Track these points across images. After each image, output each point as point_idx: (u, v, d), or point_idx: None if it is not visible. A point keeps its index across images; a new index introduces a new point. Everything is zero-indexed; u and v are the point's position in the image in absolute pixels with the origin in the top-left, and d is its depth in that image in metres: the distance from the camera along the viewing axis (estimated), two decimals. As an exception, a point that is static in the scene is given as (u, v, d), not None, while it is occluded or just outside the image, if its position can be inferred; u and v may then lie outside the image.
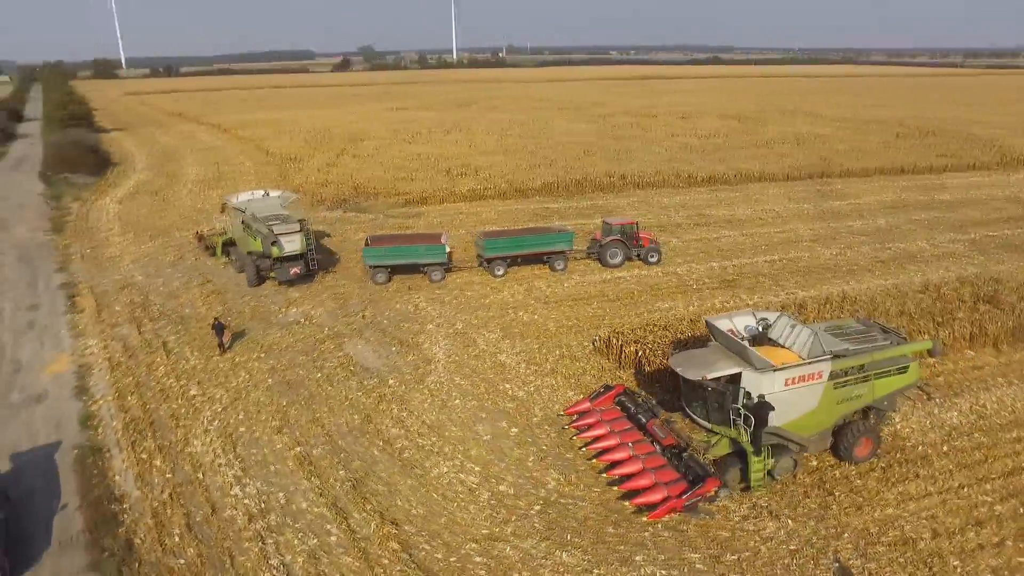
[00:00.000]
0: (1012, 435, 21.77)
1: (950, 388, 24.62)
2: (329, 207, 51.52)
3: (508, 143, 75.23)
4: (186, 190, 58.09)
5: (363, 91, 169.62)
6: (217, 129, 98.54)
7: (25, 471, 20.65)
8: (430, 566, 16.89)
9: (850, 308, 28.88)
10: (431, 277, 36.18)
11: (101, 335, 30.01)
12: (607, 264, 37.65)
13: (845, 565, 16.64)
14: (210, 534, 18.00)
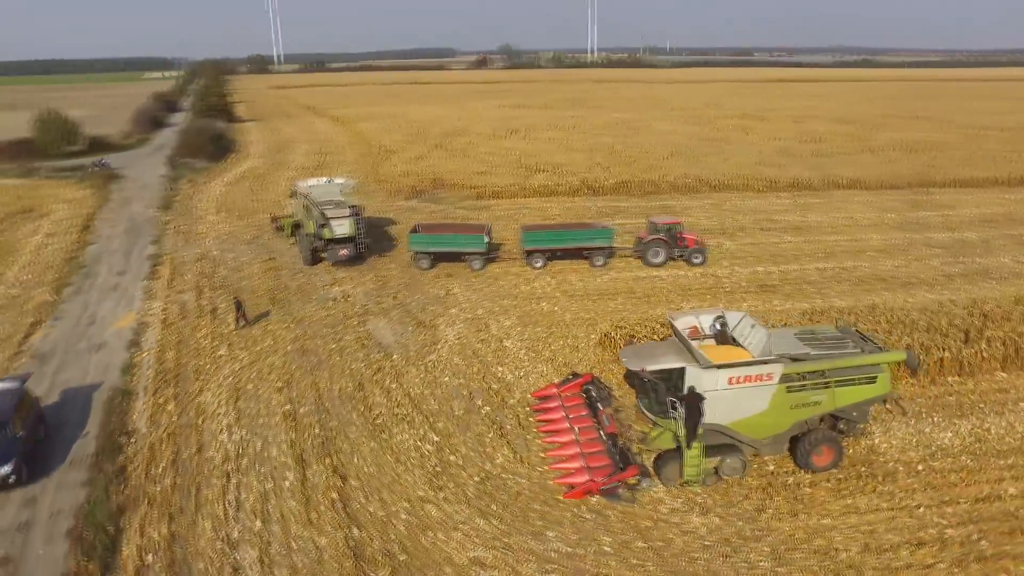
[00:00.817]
0: (1006, 462, 20.51)
1: (958, 408, 23.31)
2: (406, 197, 55.00)
3: (596, 141, 75.89)
4: (285, 177, 63.84)
5: (487, 88, 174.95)
6: (336, 121, 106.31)
7: (67, 403, 24.85)
8: (358, 516, 18.89)
9: (872, 319, 27.73)
10: (471, 266, 38.22)
11: (166, 299, 34.60)
12: (649, 263, 37.99)
13: (752, 564, 16.81)
14: (189, 469, 21.04)
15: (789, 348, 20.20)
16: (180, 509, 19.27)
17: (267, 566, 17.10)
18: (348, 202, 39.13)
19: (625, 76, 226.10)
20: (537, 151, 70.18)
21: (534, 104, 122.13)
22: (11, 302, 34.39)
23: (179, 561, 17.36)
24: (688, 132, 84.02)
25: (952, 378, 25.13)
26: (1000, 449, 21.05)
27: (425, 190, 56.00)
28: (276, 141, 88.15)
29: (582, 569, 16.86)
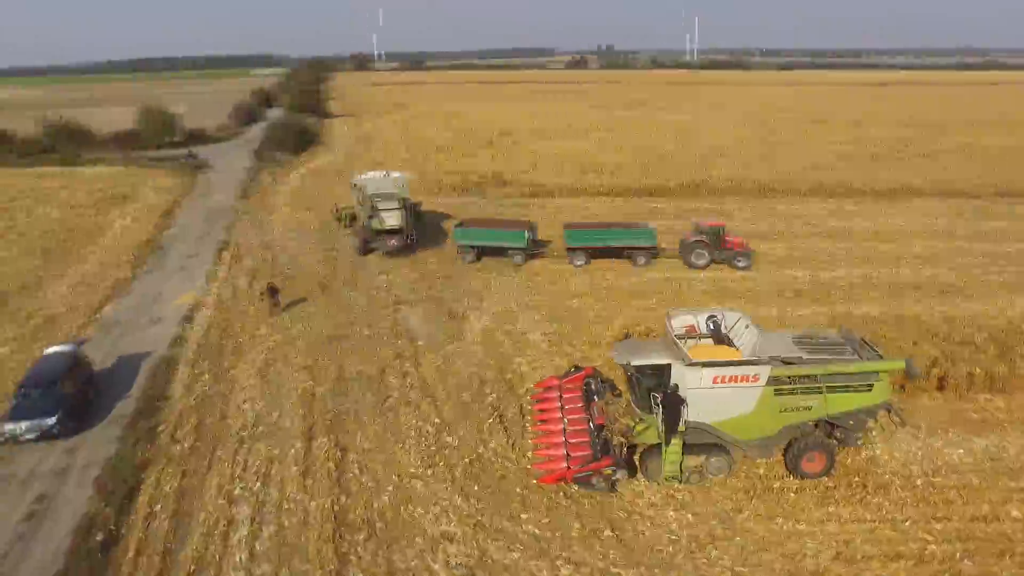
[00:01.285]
0: (1017, 484, 19.64)
1: (981, 425, 22.40)
2: (460, 193, 56.68)
3: (652, 142, 75.19)
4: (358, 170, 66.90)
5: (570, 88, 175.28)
6: (421, 117, 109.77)
7: (120, 369, 27.76)
8: (349, 486, 20.40)
9: (899, 328, 26.85)
10: (513, 261, 39.32)
11: (224, 281, 37.57)
12: (691, 264, 37.91)
13: (713, 562, 17.11)
14: (208, 433, 23.22)
15: (782, 351, 20.16)
16: (194, 468, 21.33)
17: (257, 523, 18.83)
18: (400, 195, 41.00)
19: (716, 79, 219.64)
20: (592, 150, 70.43)
21: (607, 104, 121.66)
22: (91, 278, 38.26)
23: (183, 512, 19.37)
24: (748, 135, 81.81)
25: (983, 395, 24.04)
26: (1014, 470, 20.15)
27: (480, 186, 57.47)
28: (358, 136, 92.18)
29: (546, 551, 17.59)
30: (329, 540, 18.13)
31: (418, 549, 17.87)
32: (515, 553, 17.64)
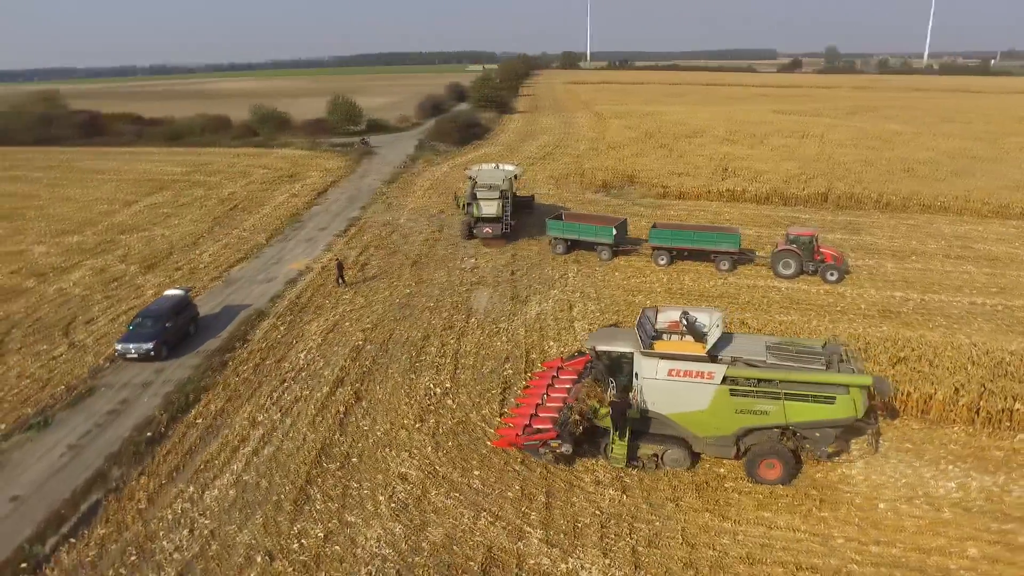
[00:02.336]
0: (997, 525, 18.42)
1: (993, 463, 20.92)
2: (595, 190, 58.72)
3: (829, 152, 70.83)
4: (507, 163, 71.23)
5: (773, 92, 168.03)
6: (595, 116, 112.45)
7: (223, 314, 33.89)
8: (347, 426, 24.06)
9: (973, 362, 25.08)
10: (600, 256, 41.08)
11: (336, 252, 43.28)
12: (778, 273, 37.20)
13: (618, 538, 18.46)
14: (262, 372, 28.13)
15: (748, 353, 20.55)
16: (238, 395, 26.21)
17: (264, 442, 23.07)
18: (501, 186, 44.23)
19: (951, 85, 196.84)
20: (752, 157, 68.25)
21: (803, 111, 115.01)
22: (236, 242, 45.91)
23: (215, 426, 24.18)
24: (955, 147, 73.82)
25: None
26: (1004, 513, 18.83)
27: (616, 185, 58.93)
28: (527, 131, 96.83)
29: (478, 503, 19.92)
30: (309, 464, 21.78)
31: (374, 483, 20.95)
32: (451, 500, 20.09)
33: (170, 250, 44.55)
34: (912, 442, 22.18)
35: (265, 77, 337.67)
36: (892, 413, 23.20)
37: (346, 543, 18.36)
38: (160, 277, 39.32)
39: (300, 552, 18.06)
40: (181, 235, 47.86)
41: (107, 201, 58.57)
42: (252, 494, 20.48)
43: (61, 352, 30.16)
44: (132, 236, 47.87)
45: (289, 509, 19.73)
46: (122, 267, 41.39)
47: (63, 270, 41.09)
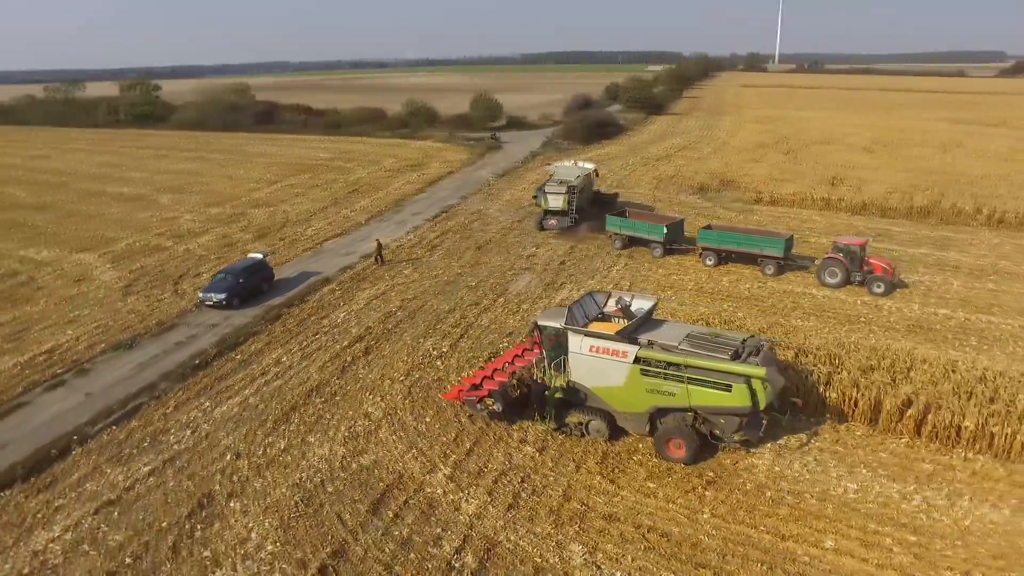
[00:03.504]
0: (875, 526, 19.31)
1: (927, 477, 21.31)
2: (691, 192, 59.73)
3: (945, 163, 65.77)
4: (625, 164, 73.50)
5: (969, 100, 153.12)
6: (741, 120, 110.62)
7: (297, 278, 40.03)
8: (347, 372, 28.63)
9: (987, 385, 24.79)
10: (652, 252, 43.02)
11: (417, 233, 48.59)
12: (823, 282, 37.20)
13: (497, 488, 21.49)
14: (303, 325, 33.57)
15: (667, 339, 22.52)
16: (276, 342, 31.83)
17: (276, 377, 28.28)
18: (570, 182, 47.22)
19: None
20: (872, 167, 65.24)
21: (981, 120, 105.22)
22: (340, 220, 52.68)
23: (248, 362, 29.82)
24: None
25: (970, 452, 22.17)
26: (889, 518, 19.34)
27: (712, 188, 59.48)
28: (664, 133, 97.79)
29: (414, 442, 23.70)
30: (301, 396, 26.66)
31: (343, 416, 25.31)
32: (394, 437, 23.97)
33: (284, 223, 52.10)
34: (844, 445, 22.80)
35: (449, 73, 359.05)
36: (800, 410, 23.72)
37: (297, 455, 22.84)
38: (264, 244, 46.43)
39: (260, 457, 22.79)
40: (299, 211, 55.48)
41: (255, 180, 68.38)
42: (249, 413, 25.62)
43: (166, 297, 37.60)
44: (260, 210, 56.22)
45: (269, 426, 24.60)
46: (240, 235, 49.29)
47: (196, 234, 49.74)
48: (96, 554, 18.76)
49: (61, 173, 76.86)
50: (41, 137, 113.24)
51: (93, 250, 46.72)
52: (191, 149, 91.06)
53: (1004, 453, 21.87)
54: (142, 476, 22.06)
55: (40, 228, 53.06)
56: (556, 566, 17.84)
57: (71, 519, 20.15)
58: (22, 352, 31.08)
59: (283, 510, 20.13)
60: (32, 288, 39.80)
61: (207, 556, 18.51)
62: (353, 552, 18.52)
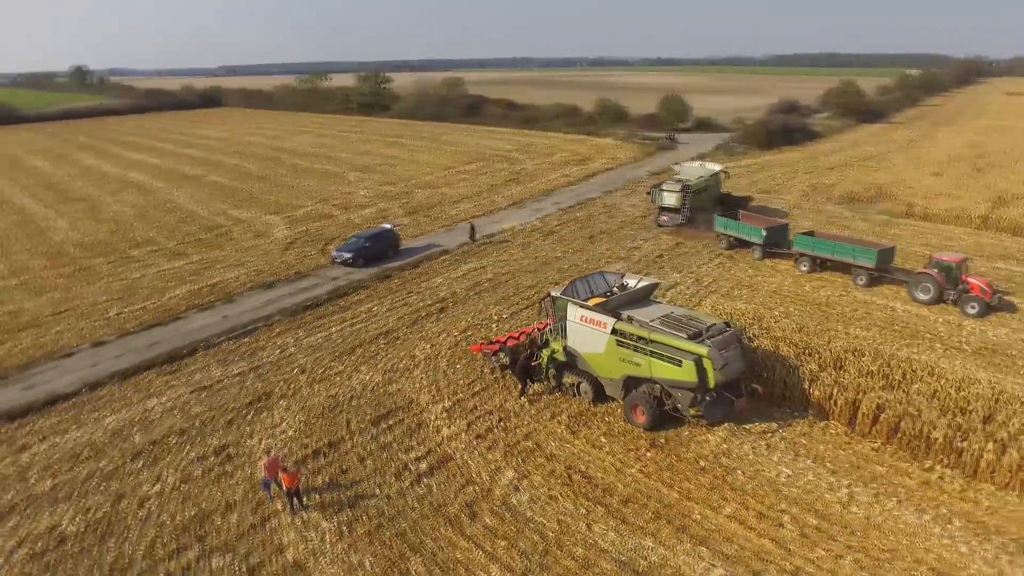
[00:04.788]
0: (788, 509, 21.20)
1: (866, 476, 22.51)
2: (837, 201, 58.36)
3: None
4: (787, 171, 72.48)
5: None
6: (971, 132, 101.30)
7: (422, 248, 46.87)
8: (419, 324, 34.31)
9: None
10: (753, 254, 44.27)
11: (543, 219, 53.47)
12: (914, 297, 36.48)
13: (477, 436, 25.93)
14: (407, 286, 39.98)
15: (646, 316, 25.43)
16: (376, 296, 38.57)
17: (361, 322, 34.84)
18: (687, 181, 49.30)
19: None
20: None
21: None
22: (485, 204, 59.05)
23: (346, 308, 36.80)
24: None
25: (929, 462, 22.68)
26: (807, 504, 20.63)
27: (863, 198, 57.59)
28: (859, 141, 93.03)
29: (434, 379, 28.88)
30: (369, 338, 32.87)
31: (395, 355, 30.92)
32: (421, 373, 29.19)
33: (437, 203, 59.55)
34: (809, 439, 23.96)
35: (688, 72, 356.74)
36: (762, 398, 25.18)
37: (344, 378, 28.95)
38: (413, 220, 53.99)
39: (318, 375, 29.25)
40: (455, 194, 62.79)
41: (434, 165, 77.30)
42: (328, 344, 32.31)
43: (313, 254, 46.16)
44: (424, 191, 64.40)
45: (336, 355, 31.03)
46: (397, 210, 57.49)
47: (362, 207, 58.81)
48: (179, 416, 26.12)
49: (286, 151, 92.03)
50: (284, 120, 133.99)
51: (279, 213, 57.30)
52: (396, 135, 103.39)
53: (971, 471, 21.98)
54: (231, 375, 29.41)
55: (251, 194, 65.54)
56: (484, 482, 21.93)
57: (175, 394, 27.87)
58: (196, 284, 40.72)
59: (312, 411, 26.21)
60: (226, 238, 50.56)
61: (247, 431, 25.04)
62: (344, 445, 24.01)
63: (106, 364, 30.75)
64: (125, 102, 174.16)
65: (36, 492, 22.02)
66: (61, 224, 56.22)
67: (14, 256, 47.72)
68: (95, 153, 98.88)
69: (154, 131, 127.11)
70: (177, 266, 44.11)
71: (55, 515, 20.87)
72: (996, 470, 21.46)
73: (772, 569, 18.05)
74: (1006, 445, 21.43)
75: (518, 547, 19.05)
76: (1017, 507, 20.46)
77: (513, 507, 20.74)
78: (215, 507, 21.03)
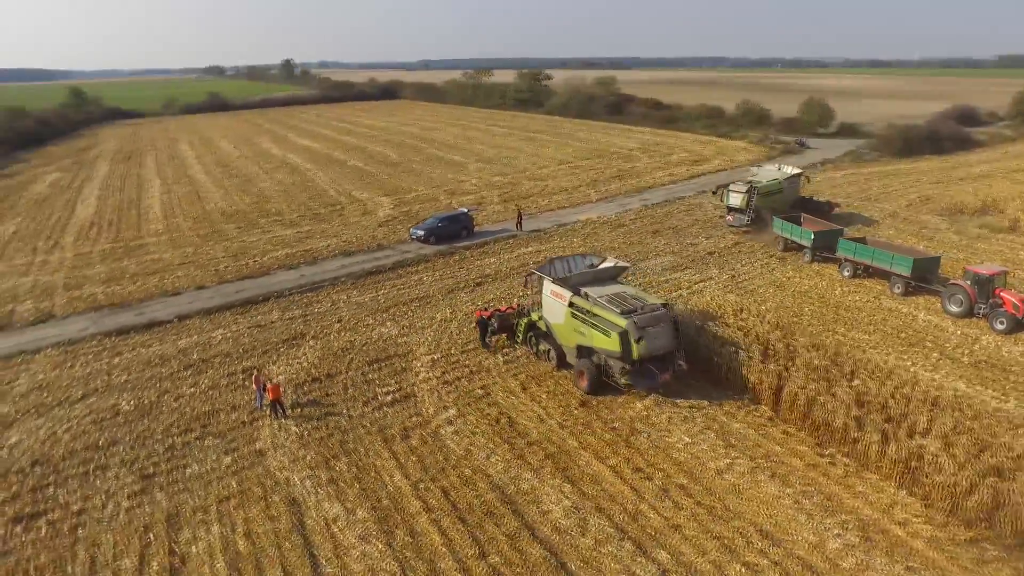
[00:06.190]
0: (671, 473, 24.17)
1: (769, 465, 24.82)
2: (938, 212, 56.19)
3: None
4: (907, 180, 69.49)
5: None
6: None
7: (498, 232, 52.06)
8: (453, 294, 39.59)
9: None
10: (803, 257, 45.16)
11: (620, 212, 56.69)
12: (945, 310, 36.14)
13: (452, 388, 30.65)
14: (462, 263, 45.38)
15: (598, 293, 28.70)
16: (433, 269, 44.28)
17: (404, 288, 40.67)
18: (756, 182, 50.41)
19: None
20: None
21: None
22: (578, 197, 62.95)
23: (402, 276, 42.91)
24: None
25: (867, 474, 24.44)
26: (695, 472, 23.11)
27: (969, 211, 55.13)
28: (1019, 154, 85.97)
29: (439, 339, 33.98)
30: (409, 300, 38.55)
31: (421, 315, 36.04)
32: (433, 332, 34.10)
33: (535, 194, 64.34)
34: (730, 417, 25.49)
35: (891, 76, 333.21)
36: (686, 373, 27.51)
37: (369, 329, 34.61)
38: (506, 208, 59.14)
39: (350, 325, 35.29)
40: (556, 186, 67.25)
41: (552, 159, 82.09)
42: (371, 303, 38.25)
43: (401, 230, 52.78)
44: (530, 182, 69.43)
45: (374, 311, 36.93)
46: (493, 198, 63.02)
47: (466, 193, 64.98)
48: (231, 344, 33.19)
49: (429, 141, 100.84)
50: (443, 113, 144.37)
51: (392, 195, 64.85)
52: (535, 131, 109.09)
53: (863, 458, 23.54)
54: (284, 319, 36.26)
55: (378, 178, 74.00)
56: (428, 415, 26.51)
57: (236, 328, 35.08)
58: (294, 248, 48.61)
59: (327, 351, 32.21)
60: (337, 214, 58.67)
61: (273, 358, 31.53)
62: (338, 377, 29.68)
63: (200, 303, 38.76)
64: (313, 92, 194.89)
65: (113, 383, 29.69)
66: (216, 195, 67.58)
67: (172, 218, 58.82)
68: (270, 137, 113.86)
69: (327, 119, 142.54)
70: (287, 234, 52.43)
71: (119, 398, 28.27)
72: (881, 462, 22.86)
73: (616, 508, 21.18)
74: (889, 439, 22.74)
75: (423, 464, 23.57)
76: (882, 495, 21.82)
77: (439, 435, 25.23)
78: (223, 407, 27.43)
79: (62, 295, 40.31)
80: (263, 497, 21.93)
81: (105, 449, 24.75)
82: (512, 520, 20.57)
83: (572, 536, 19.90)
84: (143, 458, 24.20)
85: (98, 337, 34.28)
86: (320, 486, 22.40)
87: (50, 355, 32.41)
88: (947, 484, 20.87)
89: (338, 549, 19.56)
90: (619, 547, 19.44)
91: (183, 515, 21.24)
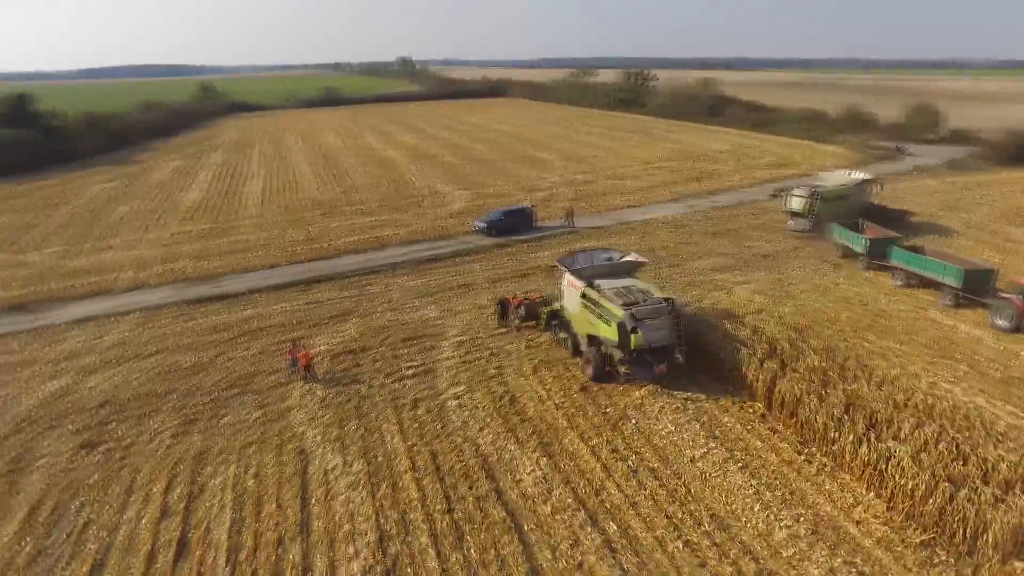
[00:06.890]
0: (650, 458, 25.57)
1: (757, 458, 25.78)
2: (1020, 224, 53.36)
3: None
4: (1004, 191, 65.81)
5: None
6: None
7: (555, 228, 54.06)
8: (495, 281, 42.16)
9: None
10: (858, 264, 44.47)
11: (687, 214, 57.23)
12: (993, 324, 34.21)
13: (465, 364, 32.95)
14: (514, 255, 47.78)
15: (609, 286, 30.30)
16: (487, 258, 46.79)
17: (459, 275, 43.36)
18: (820, 188, 49.79)
19: None
20: None
21: None
22: (649, 198, 63.88)
23: (456, 263, 45.71)
24: None
25: (844, 475, 25.07)
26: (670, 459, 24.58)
27: None
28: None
29: (472, 322, 36.42)
30: (453, 287, 41.23)
31: (461, 301, 38.68)
32: (468, 316, 36.65)
33: (608, 193, 65.62)
34: (722, 411, 26.18)
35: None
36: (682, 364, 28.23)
37: (411, 310, 37.29)
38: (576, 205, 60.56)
39: (395, 307, 38.19)
40: (630, 187, 68.22)
41: (635, 159, 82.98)
42: (419, 288, 40.88)
43: (467, 221, 55.53)
44: (606, 181, 70.74)
45: (421, 295, 39.63)
46: (567, 195, 64.77)
47: (539, 190, 67.11)
48: (286, 317, 36.87)
49: (522, 139, 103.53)
50: (544, 112, 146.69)
51: (470, 189, 67.90)
52: (629, 131, 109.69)
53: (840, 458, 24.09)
54: (339, 297, 39.69)
55: (463, 173, 77.32)
56: (441, 390, 28.91)
57: (295, 304, 38.83)
58: (365, 235, 52.31)
59: (368, 328, 35.23)
60: (415, 205, 62.26)
61: (318, 331, 34.94)
62: (371, 352, 32.43)
63: (270, 280, 42.92)
64: (422, 89, 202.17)
65: (180, 343, 33.94)
66: (311, 185, 72.96)
67: (267, 205, 64.31)
68: (374, 132, 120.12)
69: (432, 115, 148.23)
70: (363, 222, 56.38)
71: (181, 357, 32.40)
72: (854, 463, 23.36)
73: (583, 483, 22.83)
74: (861, 440, 23.20)
75: (423, 430, 26.02)
76: (848, 495, 22.26)
77: (445, 407, 27.57)
78: (265, 370, 30.93)
79: (158, 267, 45.60)
80: (279, 446, 25.00)
81: (162, 396, 28.65)
82: (485, 484, 22.60)
83: (534, 503, 21.69)
84: (190, 406, 27.88)
85: (178, 304, 38.85)
86: (329, 441, 25.23)
87: (136, 317, 37.13)
88: (907, 488, 21.18)
89: (328, 494, 22.26)
90: (573, 516, 21.06)
91: (210, 454, 24.59)
